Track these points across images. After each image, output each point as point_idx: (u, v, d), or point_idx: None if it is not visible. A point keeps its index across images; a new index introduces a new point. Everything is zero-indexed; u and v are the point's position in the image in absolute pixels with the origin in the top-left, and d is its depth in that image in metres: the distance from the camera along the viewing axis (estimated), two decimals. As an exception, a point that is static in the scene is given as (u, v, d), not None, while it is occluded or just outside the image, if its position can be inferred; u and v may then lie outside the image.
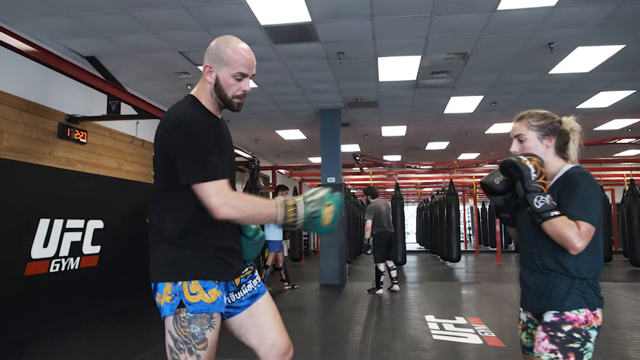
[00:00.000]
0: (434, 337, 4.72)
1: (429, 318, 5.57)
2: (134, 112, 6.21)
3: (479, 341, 4.52)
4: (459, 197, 20.34)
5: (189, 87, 7.32)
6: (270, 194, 11.56)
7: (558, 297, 1.73)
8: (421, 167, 12.11)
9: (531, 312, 1.85)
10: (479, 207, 19.32)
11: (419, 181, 15.80)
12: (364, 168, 12.43)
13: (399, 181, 13.32)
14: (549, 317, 1.74)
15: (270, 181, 12.64)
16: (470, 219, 23.90)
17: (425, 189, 18.73)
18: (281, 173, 13.77)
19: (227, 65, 1.73)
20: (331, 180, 8.83)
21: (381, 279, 7.56)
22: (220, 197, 1.60)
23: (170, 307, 1.66)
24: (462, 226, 21.17)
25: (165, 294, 1.67)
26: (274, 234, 7.71)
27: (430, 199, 16.65)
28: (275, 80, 7.22)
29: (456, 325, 5.20)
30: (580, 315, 1.70)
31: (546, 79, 7.36)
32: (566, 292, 1.72)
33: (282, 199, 1.66)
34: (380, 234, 7.50)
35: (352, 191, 16.09)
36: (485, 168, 13.94)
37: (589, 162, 11.65)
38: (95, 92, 5.67)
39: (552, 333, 1.70)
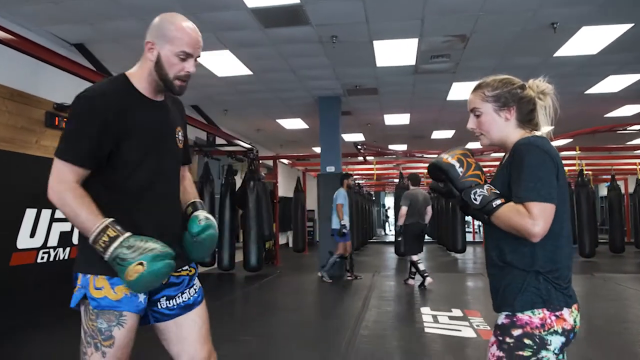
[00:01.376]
0: (425, 329, 4.55)
1: (424, 310, 5.40)
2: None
3: (473, 334, 4.36)
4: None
5: (182, 75, 7.20)
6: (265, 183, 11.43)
7: (510, 296, 1.48)
8: (426, 156, 11.87)
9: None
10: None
11: (425, 171, 15.53)
12: (368, 157, 12.23)
13: (404, 171, 13.10)
14: (500, 318, 1.51)
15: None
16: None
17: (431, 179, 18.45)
18: (283, 163, 13.61)
19: (171, 42, 1.63)
20: (330, 169, 8.66)
21: (421, 268, 7.12)
22: (53, 179, 1.55)
23: (75, 299, 1.61)
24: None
25: (77, 284, 1.62)
26: (338, 223, 7.60)
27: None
28: (270, 67, 7.04)
29: (451, 317, 5.03)
30: (534, 317, 1.44)
31: (551, 62, 7.08)
32: (519, 290, 1.47)
33: (108, 224, 1.50)
34: (412, 225, 7.17)
35: (357, 181, 15.91)
36: (493, 157, 13.66)
37: (599, 149, 11.32)
38: (85, 80, 5.54)
39: (500, 338, 1.48)
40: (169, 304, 1.74)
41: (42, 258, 5.34)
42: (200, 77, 7.42)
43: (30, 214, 5.20)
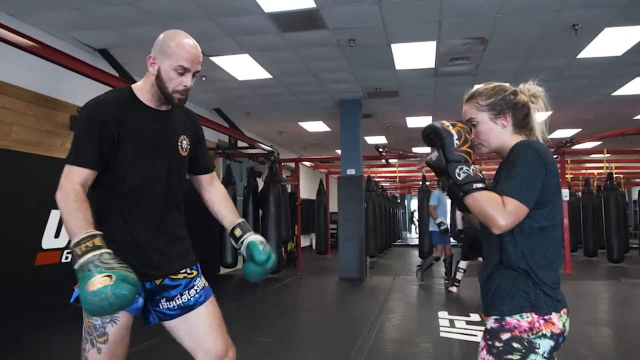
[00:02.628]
0: (441, 334, 4.52)
1: (442, 314, 5.36)
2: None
3: (478, 340, 4.29)
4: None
5: (204, 79, 7.34)
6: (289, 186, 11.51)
7: (499, 300, 1.49)
8: (449, 158, 11.75)
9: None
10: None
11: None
12: (391, 160, 12.19)
13: (428, 174, 13.00)
14: (489, 323, 1.52)
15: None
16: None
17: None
18: (305, 165, 13.67)
19: (169, 57, 1.73)
20: (351, 172, 8.67)
21: (458, 277, 6.87)
22: (61, 180, 1.64)
23: (74, 296, 1.71)
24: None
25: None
26: (434, 224, 7.54)
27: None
28: (289, 70, 7.09)
29: (469, 322, 4.98)
30: (522, 321, 1.45)
31: (575, 64, 6.95)
32: (507, 294, 1.47)
33: (99, 235, 1.53)
34: (465, 230, 6.83)
35: (380, 184, 15.86)
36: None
37: (630, 152, 11.03)
38: (107, 85, 5.69)
39: (489, 342, 1.48)
40: (169, 304, 1.83)
41: (67, 258, 5.50)
42: (222, 81, 7.53)
43: (55, 215, 5.35)
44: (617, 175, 13.04)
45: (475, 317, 5.21)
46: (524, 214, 1.42)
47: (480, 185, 1.45)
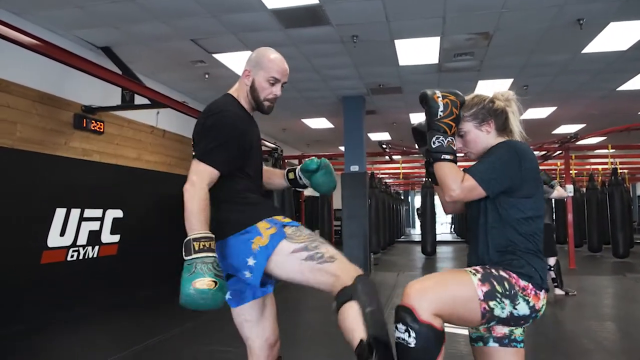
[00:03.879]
0: (446, 329, 4.49)
1: (446, 310, 5.34)
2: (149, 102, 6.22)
3: (493, 335, 4.29)
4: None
5: (207, 76, 7.33)
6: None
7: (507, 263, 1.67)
8: (453, 155, 11.72)
9: None
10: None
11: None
12: (394, 156, 12.17)
13: (431, 170, 12.96)
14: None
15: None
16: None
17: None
18: (309, 162, 13.67)
19: (264, 70, 1.98)
20: (355, 168, 8.66)
21: (551, 275, 6.14)
22: (195, 177, 1.78)
23: (271, 245, 1.86)
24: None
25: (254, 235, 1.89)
26: None
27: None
28: (293, 67, 6.95)
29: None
30: (521, 280, 1.62)
31: (580, 59, 6.92)
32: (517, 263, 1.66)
33: (210, 237, 1.72)
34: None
35: (384, 180, 15.83)
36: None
37: (635, 147, 10.98)
38: (110, 83, 5.70)
39: (488, 268, 1.64)
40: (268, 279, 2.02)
41: (72, 256, 5.52)
42: (225, 78, 7.52)
43: (60, 213, 5.37)
44: (621, 170, 12.99)
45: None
46: (479, 195, 1.60)
47: (448, 157, 1.62)
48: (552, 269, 6.12)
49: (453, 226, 20.37)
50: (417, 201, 29.99)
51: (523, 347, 1.76)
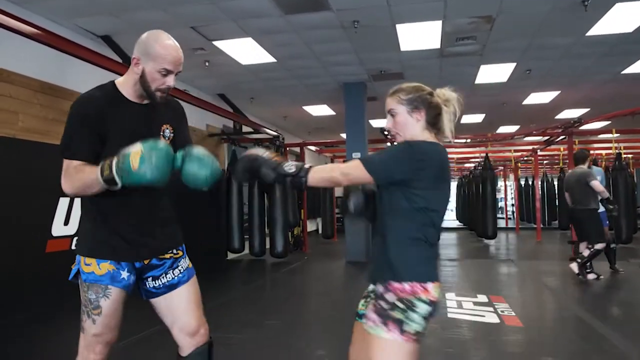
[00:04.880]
0: (449, 315, 4.53)
1: (449, 295, 5.36)
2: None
3: (496, 320, 4.31)
4: (500, 172, 19.76)
5: (207, 64, 7.29)
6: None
7: (386, 268, 1.75)
8: (455, 141, 11.67)
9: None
10: (521, 182, 18.63)
11: (455, 156, 15.31)
12: (395, 143, 12.11)
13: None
14: (378, 288, 1.78)
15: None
16: (512, 195, 23.15)
17: (466, 165, 18.19)
18: (311, 150, 13.63)
19: (154, 60, 1.83)
20: (356, 155, 8.63)
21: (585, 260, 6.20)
22: (63, 175, 1.80)
23: (71, 273, 1.91)
24: (504, 202, 20.54)
25: (75, 261, 1.93)
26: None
27: (469, 175, 16.17)
28: (293, 54, 7.03)
29: (476, 303, 4.98)
30: (405, 285, 1.68)
31: (584, 42, 6.84)
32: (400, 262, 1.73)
33: (107, 161, 1.73)
34: (569, 211, 6.49)
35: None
36: (525, 141, 13.34)
37: (637, 132, 10.89)
38: (111, 72, 5.67)
39: (377, 304, 1.73)
40: (155, 283, 1.99)
41: (76, 245, 5.53)
42: (225, 66, 7.49)
43: (63, 202, 5.39)
44: (626, 155, 12.92)
45: (482, 298, 5.21)
46: (363, 176, 1.68)
47: (307, 166, 1.70)
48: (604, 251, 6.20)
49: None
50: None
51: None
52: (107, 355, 1.91)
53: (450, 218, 22.12)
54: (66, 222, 5.44)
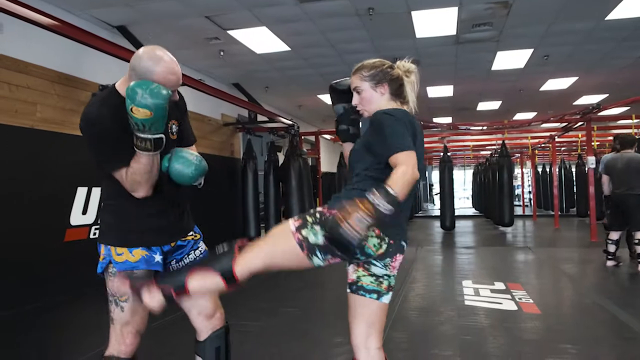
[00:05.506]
0: (466, 302, 4.52)
1: (466, 283, 5.35)
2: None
3: (514, 307, 4.30)
4: (517, 159, 19.56)
5: (222, 53, 7.30)
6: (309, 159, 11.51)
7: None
8: (472, 128, 11.59)
9: None
10: (539, 169, 18.43)
11: (471, 143, 15.20)
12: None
13: (449, 144, 12.85)
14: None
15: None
16: (529, 182, 22.93)
17: (482, 152, 18.03)
18: (326, 138, 13.62)
19: (149, 75, 1.79)
20: (372, 144, 8.60)
21: (609, 248, 6.18)
22: (126, 184, 1.84)
23: (101, 266, 1.94)
24: (521, 190, 20.36)
25: (101, 253, 1.95)
26: None
27: (485, 162, 16.04)
28: (308, 42, 7.01)
29: (493, 290, 4.96)
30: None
31: (603, 26, 6.71)
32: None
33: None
34: (610, 196, 6.26)
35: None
36: (543, 127, 13.18)
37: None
38: (127, 62, 5.71)
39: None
40: (178, 265, 2.04)
41: (95, 234, 5.62)
42: (240, 55, 7.49)
43: (81, 192, 5.47)
44: (645, 141, 12.67)
45: (499, 285, 5.19)
46: (412, 154, 1.65)
47: (390, 190, 1.54)
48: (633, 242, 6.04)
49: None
50: (435, 176, 29.83)
51: (376, 299, 1.88)
52: (137, 347, 1.94)
53: (466, 206, 22.05)
54: (84, 212, 5.53)
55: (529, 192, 22.29)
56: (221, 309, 2.10)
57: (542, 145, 14.72)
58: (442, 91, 10.54)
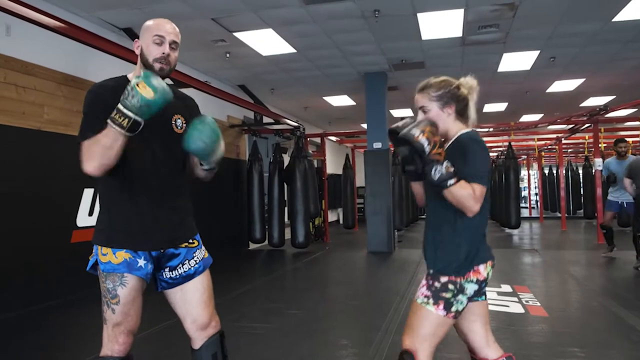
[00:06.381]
0: (472, 305, 4.49)
1: (472, 286, 5.32)
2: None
3: (521, 310, 4.27)
4: (524, 161, 19.48)
5: (228, 55, 7.32)
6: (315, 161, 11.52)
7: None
8: (478, 130, 11.52)
9: None
10: (545, 171, 18.35)
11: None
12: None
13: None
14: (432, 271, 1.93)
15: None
16: (535, 184, 22.82)
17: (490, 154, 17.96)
18: (331, 140, 13.61)
19: (146, 32, 1.93)
20: (377, 145, 8.60)
21: None
22: (83, 157, 1.78)
23: (89, 264, 1.94)
24: (528, 192, 20.27)
25: (93, 253, 1.94)
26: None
27: (492, 164, 15.96)
28: (314, 44, 7.01)
29: (500, 293, 4.94)
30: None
31: (610, 28, 6.68)
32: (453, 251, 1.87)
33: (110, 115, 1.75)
34: (637, 197, 6.23)
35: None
36: (549, 129, 13.11)
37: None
38: (133, 64, 5.72)
39: (430, 282, 1.88)
40: (172, 274, 2.00)
41: (101, 235, 5.63)
42: (246, 57, 7.50)
43: (88, 193, 5.49)
44: (653, 143, 12.62)
45: (506, 287, 5.17)
46: (484, 193, 1.78)
47: (452, 180, 1.74)
48: None
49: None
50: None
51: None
52: (131, 345, 1.93)
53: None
54: (90, 213, 5.54)
55: (536, 194, 22.20)
56: (216, 318, 2.07)
57: (549, 147, 14.66)
58: (448, 93, 10.50)
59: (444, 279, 1.83)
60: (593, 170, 10.39)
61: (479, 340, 2.00)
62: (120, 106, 1.71)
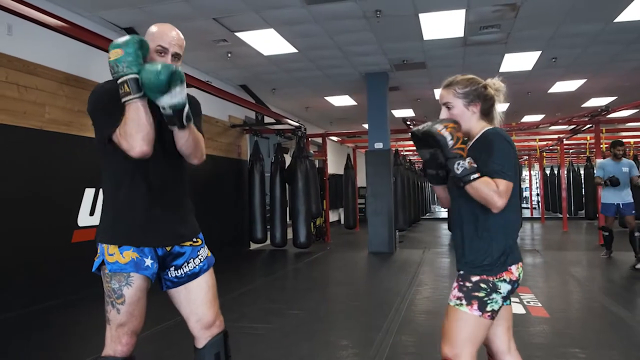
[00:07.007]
0: (473, 306, 4.49)
1: (473, 287, 5.32)
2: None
3: (522, 311, 4.27)
4: (525, 161, 19.47)
5: (229, 55, 7.31)
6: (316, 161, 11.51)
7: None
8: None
9: None
10: (547, 172, 18.33)
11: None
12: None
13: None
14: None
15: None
16: (537, 185, 22.80)
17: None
18: (333, 140, 13.61)
19: (150, 39, 1.88)
20: (378, 145, 8.60)
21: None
22: (124, 146, 1.76)
23: (95, 264, 1.91)
24: (529, 192, 20.26)
25: (98, 252, 1.92)
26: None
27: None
28: (315, 44, 7.00)
29: (500, 294, 4.93)
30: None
31: (612, 29, 6.67)
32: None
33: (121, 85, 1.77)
34: None
35: (408, 157, 15.71)
36: (551, 130, 13.11)
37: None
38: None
39: (461, 283, 1.85)
40: (177, 273, 2.00)
41: (102, 235, 5.63)
42: (247, 57, 7.50)
43: (89, 193, 5.49)
44: (655, 143, 12.61)
45: (507, 289, 5.15)
46: (511, 189, 1.75)
47: (476, 175, 1.73)
48: None
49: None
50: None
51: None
52: (134, 346, 1.92)
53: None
54: (92, 213, 5.55)
55: (537, 195, 22.15)
56: (220, 317, 2.07)
57: (550, 147, 14.65)
58: (449, 93, 10.50)
59: (475, 278, 1.81)
60: (595, 171, 10.37)
61: (500, 345, 1.97)
62: (118, 82, 1.75)
